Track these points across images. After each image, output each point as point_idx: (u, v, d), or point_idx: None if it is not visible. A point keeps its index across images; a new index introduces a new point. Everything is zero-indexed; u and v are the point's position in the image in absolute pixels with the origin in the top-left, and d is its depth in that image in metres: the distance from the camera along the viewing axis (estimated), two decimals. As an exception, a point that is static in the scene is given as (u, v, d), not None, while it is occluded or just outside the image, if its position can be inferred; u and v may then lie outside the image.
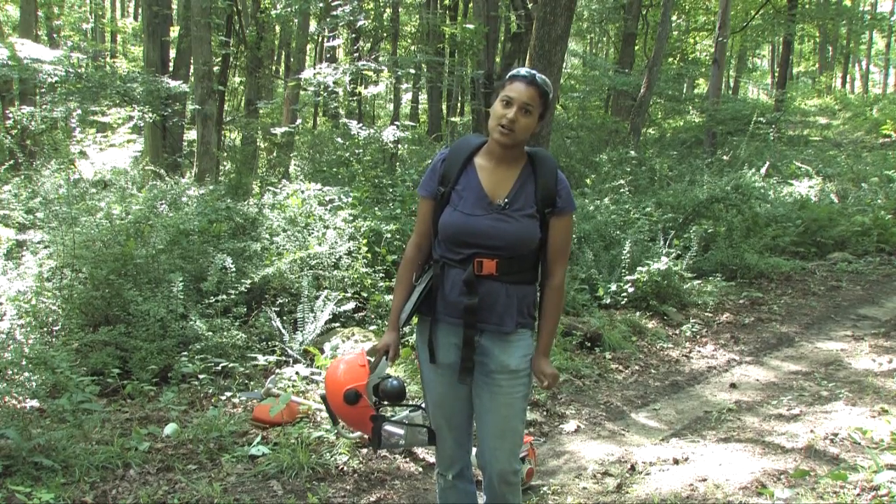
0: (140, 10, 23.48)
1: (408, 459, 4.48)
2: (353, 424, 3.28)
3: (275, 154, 15.81)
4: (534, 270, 2.90)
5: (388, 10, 18.12)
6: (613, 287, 7.92)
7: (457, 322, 2.85)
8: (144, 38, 14.45)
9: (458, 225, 2.83)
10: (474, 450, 3.13)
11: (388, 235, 7.50)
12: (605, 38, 31.01)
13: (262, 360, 5.72)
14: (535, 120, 2.84)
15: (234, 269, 6.34)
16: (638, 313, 7.72)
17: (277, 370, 5.70)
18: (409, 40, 21.90)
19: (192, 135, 14.47)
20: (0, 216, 7.75)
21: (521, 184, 2.86)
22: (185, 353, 5.61)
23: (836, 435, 4.68)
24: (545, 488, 4.12)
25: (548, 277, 2.90)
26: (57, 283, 5.97)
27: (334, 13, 13.65)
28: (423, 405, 3.13)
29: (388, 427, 4.60)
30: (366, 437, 3.78)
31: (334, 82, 12.87)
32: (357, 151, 10.23)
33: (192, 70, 13.35)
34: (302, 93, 15.82)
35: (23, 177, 8.81)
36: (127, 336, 5.59)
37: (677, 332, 7.49)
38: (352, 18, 13.71)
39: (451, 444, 3.03)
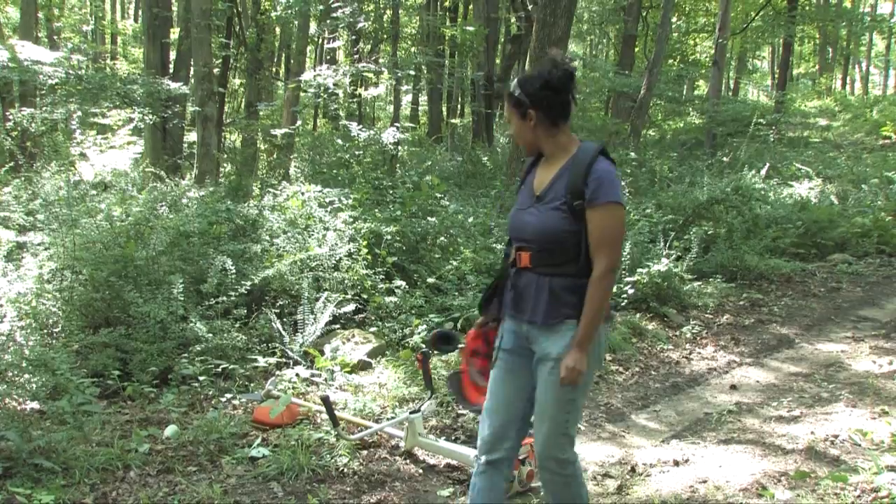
0: (140, 12, 23.50)
1: (408, 461, 4.48)
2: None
3: (275, 156, 15.81)
4: (575, 262, 2.91)
5: (389, 12, 18.11)
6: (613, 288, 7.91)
7: (509, 312, 3.07)
8: (144, 39, 14.48)
9: (509, 219, 3.16)
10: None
11: (389, 237, 7.50)
12: (605, 40, 31.06)
13: (262, 361, 5.72)
14: (521, 122, 3.03)
15: (234, 271, 6.33)
16: (638, 315, 7.71)
17: (278, 372, 5.70)
18: (409, 42, 21.92)
19: (192, 136, 14.48)
20: (0, 218, 7.76)
21: (558, 178, 2.97)
22: (186, 354, 5.60)
23: (836, 436, 4.68)
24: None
25: (593, 269, 2.90)
26: (57, 284, 5.97)
27: (334, 15, 13.67)
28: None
29: (389, 429, 4.61)
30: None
31: (334, 84, 12.89)
32: (357, 153, 10.24)
33: (192, 72, 13.37)
34: (302, 94, 15.83)
35: (23, 178, 8.82)
36: (127, 338, 5.59)
37: (677, 333, 7.49)
38: (352, 20, 13.73)
39: (486, 427, 3.11)
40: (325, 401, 4.38)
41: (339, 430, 4.47)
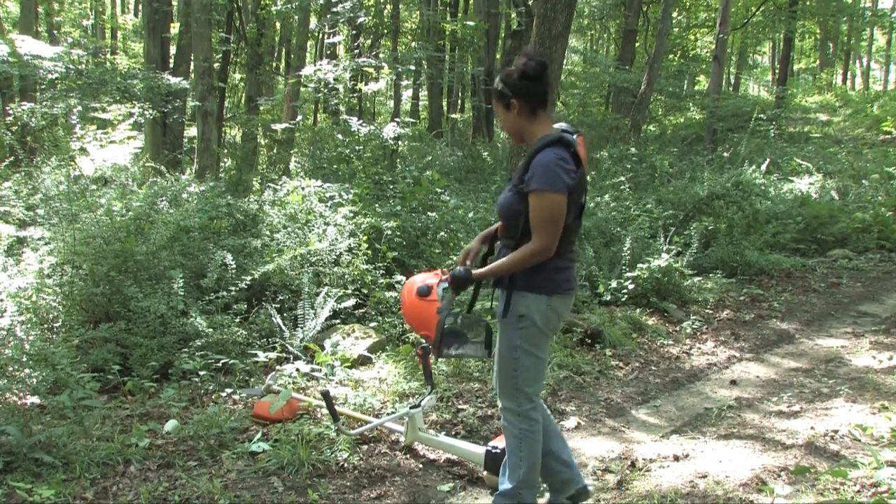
0: (140, 7, 23.47)
1: (408, 456, 4.48)
2: (419, 321, 3.36)
3: (275, 151, 15.79)
4: (514, 239, 3.33)
5: (389, 7, 18.09)
6: (614, 284, 7.92)
7: None
8: (145, 34, 14.45)
9: None
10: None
11: (389, 232, 7.50)
12: (605, 35, 31.01)
13: (262, 356, 5.73)
14: (506, 113, 3.38)
15: (234, 266, 6.34)
16: (638, 310, 7.72)
17: (278, 367, 5.70)
18: (409, 37, 21.87)
19: (192, 131, 14.46)
20: (0, 213, 7.76)
21: (523, 164, 3.31)
22: (186, 349, 5.61)
23: (836, 432, 4.68)
24: (545, 485, 4.12)
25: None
26: (57, 279, 5.97)
27: (335, 10, 13.63)
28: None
29: (389, 424, 4.61)
30: (424, 346, 3.88)
31: (335, 79, 12.85)
32: (357, 148, 10.22)
33: (192, 67, 13.35)
34: (302, 89, 15.80)
35: (23, 173, 8.81)
36: (127, 332, 5.60)
37: (678, 328, 7.49)
38: (352, 15, 13.69)
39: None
40: (326, 396, 4.38)
41: (339, 425, 4.47)
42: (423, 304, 3.42)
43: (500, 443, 4.00)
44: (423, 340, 3.61)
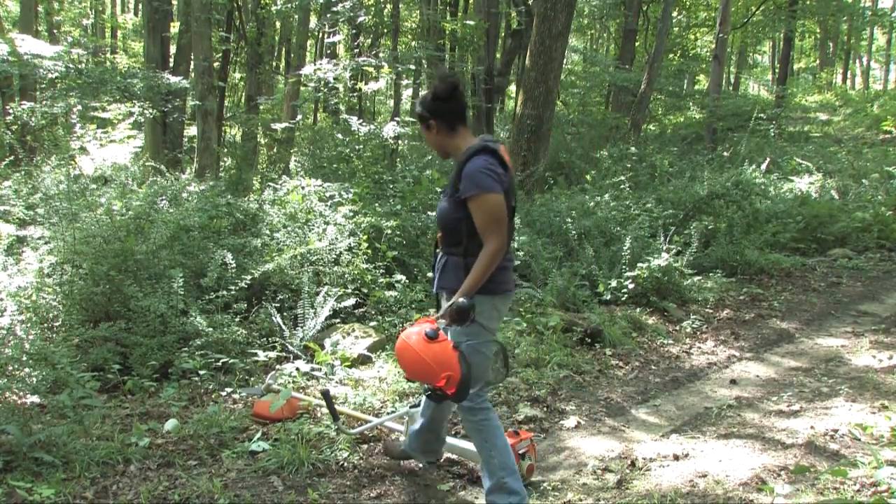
0: (140, 6, 23.44)
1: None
2: (437, 365, 3.32)
3: (275, 150, 15.80)
4: (462, 245, 3.54)
5: (389, 6, 18.08)
6: (614, 283, 7.92)
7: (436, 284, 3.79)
8: (145, 33, 14.45)
9: None
10: None
11: (389, 231, 7.50)
12: (605, 35, 30.98)
13: (262, 356, 5.73)
14: (428, 133, 3.67)
15: (234, 265, 6.34)
16: (638, 309, 7.72)
17: (278, 366, 5.70)
18: (409, 36, 21.86)
19: (192, 131, 14.47)
20: (0, 212, 7.76)
21: (454, 175, 3.56)
22: (186, 349, 5.61)
23: (836, 431, 4.68)
24: (545, 484, 4.12)
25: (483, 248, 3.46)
26: (57, 278, 5.97)
27: (334, 9, 13.63)
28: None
29: (389, 423, 4.61)
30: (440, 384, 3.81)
31: (335, 78, 12.86)
32: (357, 147, 10.22)
33: (192, 66, 13.35)
34: (302, 89, 15.79)
35: (23, 173, 8.82)
36: (127, 332, 5.60)
37: (677, 328, 7.49)
38: (352, 14, 13.69)
39: None
40: (326, 395, 4.38)
41: (339, 425, 4.47)
42: (436, 346, 3.35)
43: None
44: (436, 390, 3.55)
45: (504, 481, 3.58)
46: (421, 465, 4.33)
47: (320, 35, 20.03)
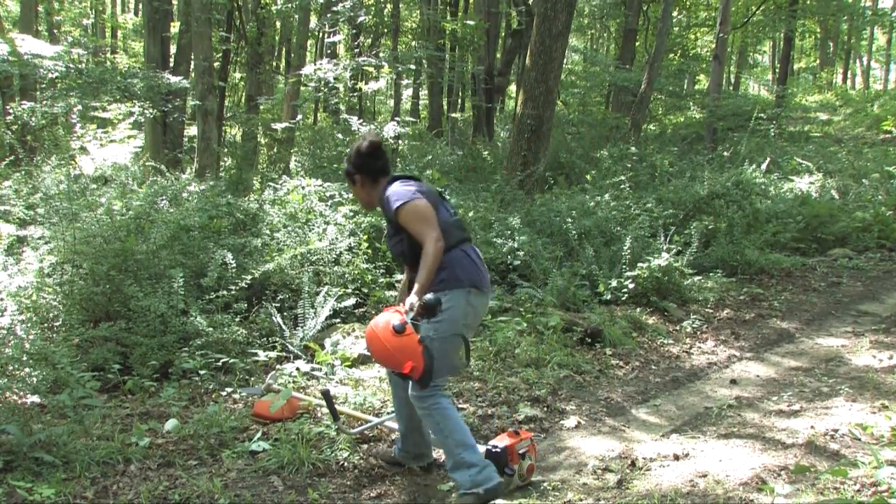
0: (140, 6, 23.45)
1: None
2: (403, 356, 3.55)
3: (275, 150, 15.81)
4: (413, 257, 3.82)
5: (389, 6, 18.10)
6: (614, 283, 7.92)
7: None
8: (145, 33, 14.45)
9: None
10: None
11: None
12: (605, 34, 31.01)
13: (262, 355, 5.73)
14: (354, 187, 4.14)
15: (234, 265, 6.34)
16: (638, 309, 7.71)
17: (278, 366, 5.70)
18: (409, 36, 21.88)
19: (192, 131, 14.48)
20: (1, 212, 7.76)
21: (383, 209, 4.01)
22: (186, 348, 5.61)
23: (836, 431, 4.68)
24: (545, 484, 4.12)
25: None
26: (57, 278, 5.97)
27: (335, 9, 13.64)
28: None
29: (389, 423, 4.61)
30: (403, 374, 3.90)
31: (335, 78, 12.86)
32: (357, 147, 10.20)
33: (192, 66, 13.36)
34: (302, 89, 15.80)
35: (23, 172, 8.82)
36: (127, 332, 5.60)
37: (678, 328, 7.49)
38: (352, 14, 13.69)
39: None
40: (326, 395, 4.38)
41: (339, 424, 4.47)
42: (403, 339, 3.57)
43: (500, 442, 4.00)
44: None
45: (461, 457, 3.78)
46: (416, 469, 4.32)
47: (320, 35, 20.04)
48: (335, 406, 4.49)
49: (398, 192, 3.87)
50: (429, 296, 3.56)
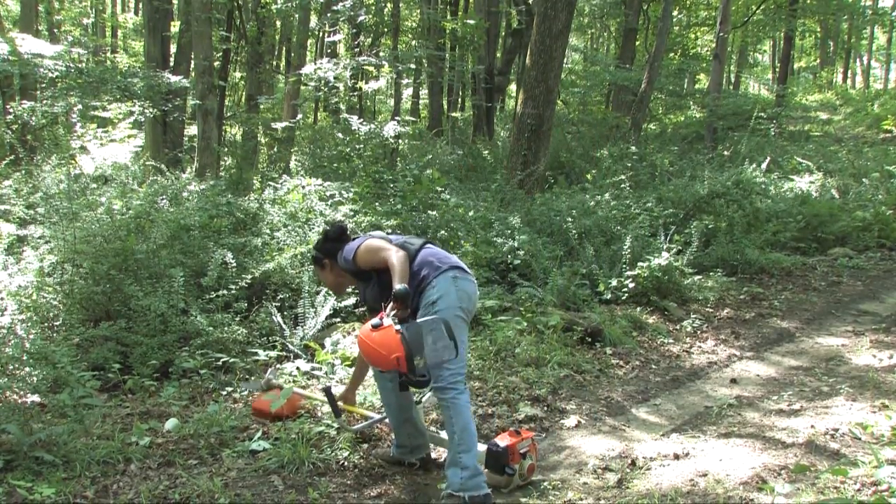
0: (141, 6, 23.45)
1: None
2: (386, 349, 3.60)
3: (275, 149, 15.80)
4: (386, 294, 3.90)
5: (389, 5, 18.07)
6: (614, 282, 7.92)
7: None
8: (145, 33, 14.45)
9: None
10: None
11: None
12: (605, 34, 31.02)
13: (262, 355, 5.73)
14: (323, 272, 4.39)
15: (234, 265, 6.34)
16: (638, 309, 7.71)
17: (278, 365, 5.70)
18: (409, 35, 21.87)
19: (192, 130, 14.47)
20: (1, 211, 7.76)
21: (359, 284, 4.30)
22: (186, 348, 5.61)
23: (836, 430, 4.68)
24: (546, 483, 4.12)
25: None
26: (58, 278, 5.97)
27: (335, 8, 13.63)
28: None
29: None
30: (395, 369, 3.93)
31: (335, 77, 12.87)
32: (358, 147, 10.23)
33: (192, 65, 13.35)
34: (303, 88, 15.80)
35: (23, 172, 8.81)
36: (128, 331, 5.60)
37: (678, 327, 7.49)
38: (352, 14, 13.69)
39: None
40: (327, 392, 4.38)
41: (340, 421, 4.46)
42: (381, 331, 3.65)
43: (501, 441, 4.01)
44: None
45: (459, 457, 3.82)
46: (417, 465, 4.32)
47: (321, 34, 20.03)
48: (337, 403, 4.49)
49: (349, 247, 4.11)
50: (398, 286, 3.71)
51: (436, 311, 3.86)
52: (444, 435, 4.31)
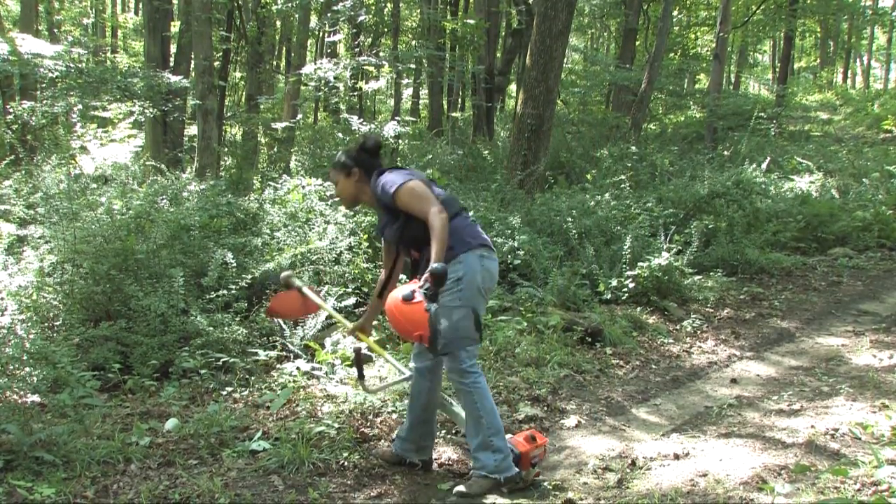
0: (141, 6, 23.44)
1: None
2: (411, 324, 3.64)
3: (275, 149, 15.81)
4: (423, 238, 3.86)
5: (389, 5, 18.07)
6: (614, 282, 7.92)
7: None
8: (145, 33, 14.46)
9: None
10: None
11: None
12: (605, 34, 31.02)
13: (262, 355, 5.73)
14: (346, 180, 4.18)
15: (234, 265, 6.34)
16: (638, 309, 7.72)
17: (279, 365, 5.71)
18: (409, 35, 21.88)
19: (192, 130, 14.47)
20: (1, 211, 7.76)
21: (375, 202, 4.16)
22: (186, 348, 5.61)
23: (836, 430, 4.68)
24: (546, 483, 4.12)
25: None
26: (58, 278, 5.97)
27: (335, 8, 13.64)
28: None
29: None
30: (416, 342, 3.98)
31: (335, 77, 12.87)
32: (358, 147, 10.19)
33: (192, 65, 13.36)
34: (303, 88, 15.81)
35: (23, 172, 8.81)
36: (128, 331, 5.60)
37: (678, 327, 7.49)
38: (352, 13, 13.70)
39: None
40: (357, 353, 4.43)
41: (363, 383, 4.57)
42: (412, 306, 3.64)
43: (517, 446, 4.03)
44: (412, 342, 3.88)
45: (490, 440, 3.89)
46: (418, 465, 4.32)
47: (321, 34, 20.04)
48: (363, 366, 4.53)
49: (392, 178, 3.96)
50: (436, 265, 3.63)
51: (459, 290, 3.85)
52: (457, 409, 4.29)
